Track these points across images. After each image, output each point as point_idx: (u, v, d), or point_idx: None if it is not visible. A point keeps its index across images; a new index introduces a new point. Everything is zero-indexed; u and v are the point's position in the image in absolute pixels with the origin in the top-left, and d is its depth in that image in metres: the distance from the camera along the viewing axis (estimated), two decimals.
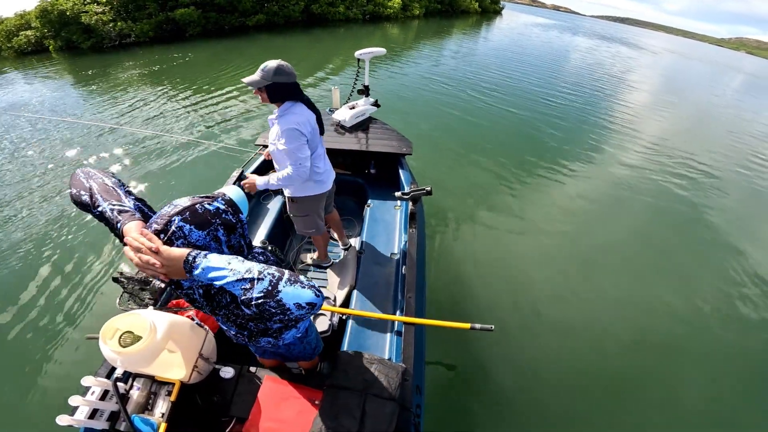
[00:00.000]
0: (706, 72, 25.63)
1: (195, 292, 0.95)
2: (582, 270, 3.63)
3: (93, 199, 0.90)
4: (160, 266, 0.78)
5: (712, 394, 2.64)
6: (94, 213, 0.90)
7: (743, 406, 2.60)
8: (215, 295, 0.96)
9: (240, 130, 5.84)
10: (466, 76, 10.35)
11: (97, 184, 0.92)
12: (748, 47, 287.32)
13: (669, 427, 2.39)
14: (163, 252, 0.78)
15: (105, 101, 6.94)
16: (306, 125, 1.76)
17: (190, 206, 0.83)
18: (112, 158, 4.92)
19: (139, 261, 0.77)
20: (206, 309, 1.06)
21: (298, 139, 1.73)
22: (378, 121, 3.34)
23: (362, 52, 2.89)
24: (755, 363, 2.93)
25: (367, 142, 2.98)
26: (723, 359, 2.91)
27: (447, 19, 27.81)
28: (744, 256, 4.17)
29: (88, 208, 0.91)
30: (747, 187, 6.37)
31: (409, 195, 2.26)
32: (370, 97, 3.32)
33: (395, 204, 2.76)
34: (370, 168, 3.14)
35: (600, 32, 46.53)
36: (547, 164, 5.67)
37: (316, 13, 16.67)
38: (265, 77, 1.64)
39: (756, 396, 2.68)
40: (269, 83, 1.66)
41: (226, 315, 1.04)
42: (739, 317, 3.34)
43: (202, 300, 0.97)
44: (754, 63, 57.30)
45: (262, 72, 1.65)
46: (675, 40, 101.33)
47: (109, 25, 10.58)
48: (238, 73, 8.50)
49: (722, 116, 11.76)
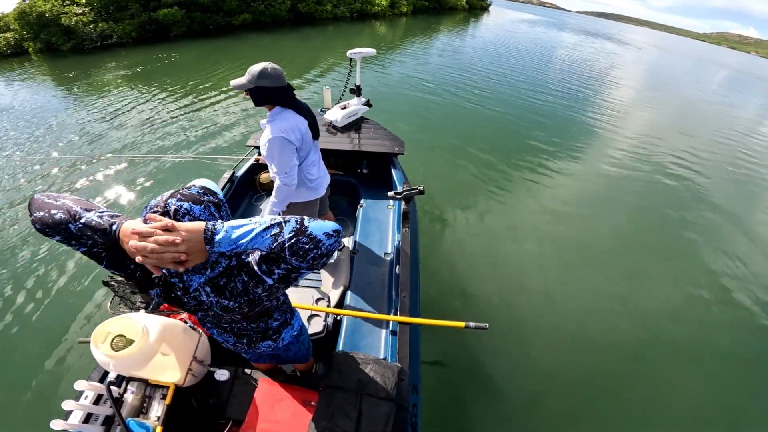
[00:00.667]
0: (689, 67, 26.21)
1: (202, 292, 0.88)
2: (573, 267, 3.69)
3: (72, 213, 0.78)
4: (181, 242, 0.70)
5: (703, 389, 2.69)
6: (73, 227, 0.78)
7: (736, 398, 2.66)
8: (225, 286, 0.88)
9: (228, 133, 5.76)
10: (452, 75, 10.39)
11: (70, 201, 0.82)
12: (729, 42, 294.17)
13: (661, 422, 2.44)
14: (180, 226, 0.72)
15: (88, 104, 6.79)
16: (294, 131, 1.74)
17: (175, 191, 0.80)
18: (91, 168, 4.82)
19: (155, 246, 0.69)
20: (208, 319, 1.03)
21: (285, 148, 1.72)
22: (370, 121, 3.34)
23: (353, 52, 2.90)
24: (747, 357, 2.99)
25: (360, 142, 2.98)
26: (713, 353, 2.97)
27: (435, 16, 27.86)
28: (735, 253, 4.27)
29: (64, 226, 0.78)
30: (733, 180, 6.56)
31: (401, 195, 2.27)
32: (362, 97, 3.32)
33: (388, 204, 2.76)
34: (362, 168, 3.14)
35: (585, 28, 47.18)
36: (534, 162, 5.75)
37: (303, 11, 16.54)
38: (250, 80, 1.63)
39: (750, 390, 2.74)
40: (253, 86, 1.64)
41: (232, 313, 0.97)
42: (730, 312, 3.42)
43: (212, 297, 0.89)
44: (736, 58, 58.72)
45: (248, 75, 1.64)
46: (658, 36, 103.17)
47: (90, 26, 10.34)
48: (226, 75, 8.39)
49: (706, 111, 12.06)
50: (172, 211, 0.75)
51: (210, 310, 0.93)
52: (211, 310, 0.92)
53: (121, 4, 11.23)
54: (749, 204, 5.82)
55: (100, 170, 4.60)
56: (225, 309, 0.92)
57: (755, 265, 4.08)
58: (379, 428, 1.29)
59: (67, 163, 4.74)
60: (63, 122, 6.03)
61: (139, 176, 4.51)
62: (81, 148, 5.18)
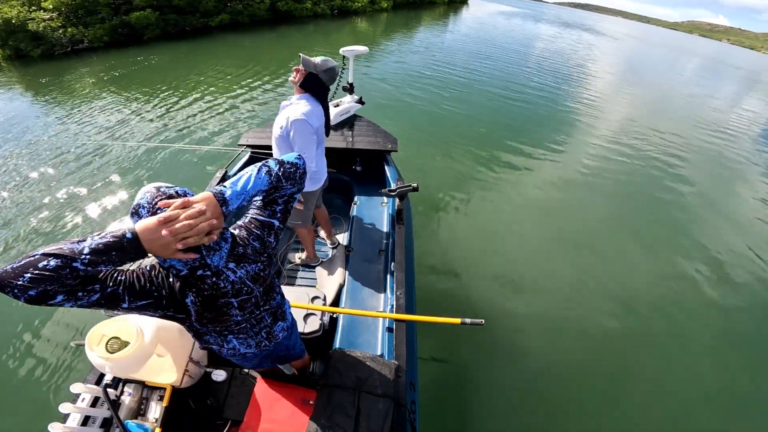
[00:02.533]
0: (665, 56, 26.94)
1: (228, 273, 0.92)
2: (568, 259, 3.73)
3: (69, 249, 0.65)
4: (205, 209, 0.75)
5: (700, 377, 2.74)
6: (79, 265, 0.65)
7: (732, 387, 2.70)
8: (245, 251, 0.95)
9: (215, 131, 5.68)
10: (433, 70, 10.42)
11: (52, 246, 0.65)
12: (700, 30, 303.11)
13: (661, 414, 2.46)
14: (194, 199, 0.76)
15: (63, 110, 6.57)
16: (317, 118, 1.83)
17: (154, 185, 0.83)
18: (74, 170, 4.68)
19: (191, 221, 0.72)
20: (243, 325, 1.04)
21: (306, 130, 1.78)
22: (363, 119, 3.34)
23: (347, 50, 2.90)
24: (742, 342, 3.07)
25: (353, 140, 2.98)
26: (711, 341, 3.04)
27: (415, 10, 27.81)
28: (723, 233, 4.42)
29: (67, 269, 0.64)
30: (709, 160, 6.83)
31: (395, 192, 2.27)
32: (354, 95, 3.31)
33: (382, 201, 2.77)
34: (356, 165, 3.14)
35: (563, 19, 47.93)
36: (520, 156, 5.84)
37: (283, 10, 16.28)
38: (317, 67, 1.75)
39: (744, 377, 2.79)
40: (315, 73, 1.76)
41: (261, 282, 1.02)
42: (723, 297, 3.50)
43: (239, 272, 0.94)
44: (707, 45, 60.48)
45: (319, 60, 1.76)
46: (633, 25, 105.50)
47: (59, 31, 9.97)
48: (203, 78, 8.24)
49: (682, 97, 12.47)
50: (182, 193, 0.81)
51: (245, 287, 0.97)
52: (245, 286, 0.97)
53: (90, 9, 10.85)
54: (725, 184, 6.07)
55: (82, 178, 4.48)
56: (256, 277, 0.99)
57: (738, 243, 4.27)
58: (378, 426, 1.29)
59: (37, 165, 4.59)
60: (29, 127, 5.81)
61: (150, 168, 4.46)
62: (47, 152, 5.02)
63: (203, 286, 0.89)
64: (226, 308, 0.97)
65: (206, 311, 0.92)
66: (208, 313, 0.93)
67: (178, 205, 0.74)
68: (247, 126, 5.96)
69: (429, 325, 1.85)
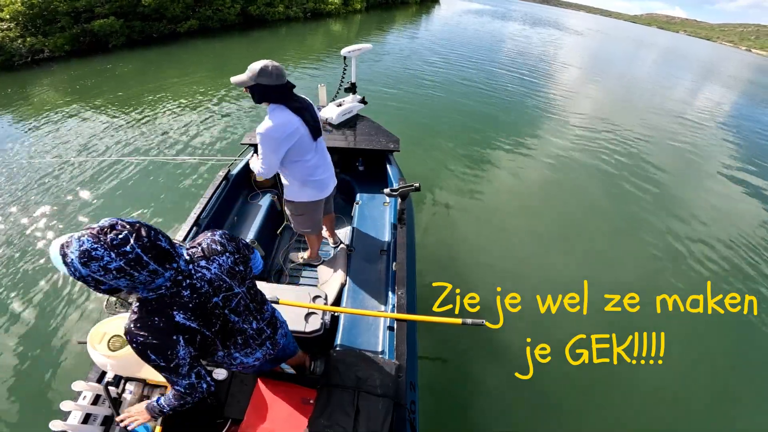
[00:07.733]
0: (626, 49, 28.08)
1: (201, 270, 0.97)
2: (570, 258, 3.73)
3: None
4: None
5: (700, 377, 2.79)
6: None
7: (727, 384, 2.76)
8: (209, 249, 1.02)
9: (189, 141, 5.56)
10: (408, 69, 10.52)
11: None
12: (658, 22, 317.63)
13: (661, 414, 2.49)
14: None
15: (28, 125, 6.28)
16: (283, 128, 1.74)
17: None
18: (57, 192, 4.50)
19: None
20: (259, 339, 1.18)
21: (267, 143, 1.75)
22: (365, 118, 3.35)
23: (348, 50, 2.89)
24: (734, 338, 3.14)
25: (355, 139, 2.99)
26: (710, 337, 3.09)
27: (388, 11, 27.88)
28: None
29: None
30: (673, 148, 7.18)
31: (397, 191, 2.27)
32: (357, 95, 3.32)
33: (384, 200, 2.79)
34: (358, 165, 3.16)
35: (528, 15, 49.17)
36: (521, 155, 5.92)
37: (255, 14, 16.02)
38: (250, 78, 1.66)
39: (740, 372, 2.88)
40: (253, 84, 1.66)
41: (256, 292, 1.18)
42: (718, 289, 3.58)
43: (242, 288, 1.08)
44: (665, 37, 63.31)
45: (248, 72, 1.66)
46: (594, 19, 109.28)
47: (18, 41, 9.50)
48: (173, 85, 8.05)
49: (645, 89, 13.10)
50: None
51: (224, 284, 1.00)
52: (224, 283, 1.00)
53: (48, 18, 10.37)
54: (691, 168, 6.44)
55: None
56: (232, 272, 1.03)
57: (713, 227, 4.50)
58: (378, 425, 1.29)
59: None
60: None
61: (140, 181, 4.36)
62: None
63: (185, 294, 0.90)
64: (218, 310, 0.98)
65: (205, 323, 0.95)
66: (205, 322, 0.95)
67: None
68: (228, 133, 5.87)
69: (429, 324, 1.84)
